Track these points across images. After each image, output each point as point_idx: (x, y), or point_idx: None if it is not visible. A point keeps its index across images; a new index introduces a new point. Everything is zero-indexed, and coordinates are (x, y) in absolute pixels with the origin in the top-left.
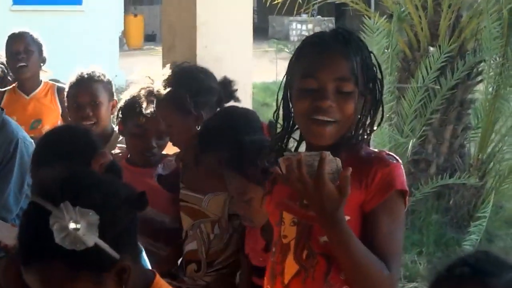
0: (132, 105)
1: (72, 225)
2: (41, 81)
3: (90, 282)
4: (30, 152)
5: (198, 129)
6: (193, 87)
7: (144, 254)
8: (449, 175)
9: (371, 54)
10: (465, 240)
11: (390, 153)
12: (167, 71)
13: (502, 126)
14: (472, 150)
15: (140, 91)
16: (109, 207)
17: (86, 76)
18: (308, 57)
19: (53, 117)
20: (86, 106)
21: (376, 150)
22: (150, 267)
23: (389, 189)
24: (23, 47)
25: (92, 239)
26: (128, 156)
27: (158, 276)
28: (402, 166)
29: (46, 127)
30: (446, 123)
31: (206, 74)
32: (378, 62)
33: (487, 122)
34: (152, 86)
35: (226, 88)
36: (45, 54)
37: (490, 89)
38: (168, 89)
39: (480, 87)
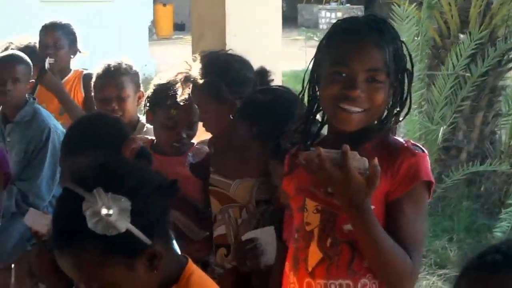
0: (164, 95)
1: (104, 211)
2: (71, 69)
3: (122, 266)
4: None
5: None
6: (229, 77)
7: (174, 242)
8: (480, 162)
9: (403, 44)
10: (496, 226)
11: (416, 143)
12: (204, 58)
13: None
14: (503, 137)
15: (177, 75)
16: (141, 194)
17: (112, 68)
18: (341, 44)
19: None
20: (112, 100)
21: (401, 139)
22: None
23: (414, 179)
24: (52, 41)
25: (124, 224)
26: (153, 143)
27: (190, 261)
28: (427, 156)
29: None
30: (477, 110)
31: (242, 63)
32: (409, 52)
33: None
34: (189, 72)
35: (263, 78)
36: (79, 45)
37: None
38: (204, 77)
39: (511, 73)
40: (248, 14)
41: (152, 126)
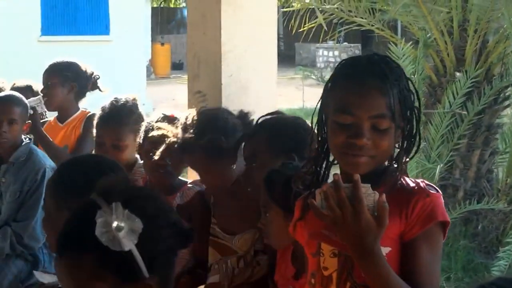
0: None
1: (115, 224)
2: (79, 108)
3: (112, 286)
4: None
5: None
6: (224, 130)
7: None
8: (477, 200)
9: (409, 82)
10: (493, 265)
11: (430, 183)
12: (190, 117)
13: None
14: (500, 174)
15: (163, 137)
16: (156, 223)
17: (111, 117)
18: (344, 91)
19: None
20: (108, 149)
21: (414, 180)
22: None
23: (430, 220)
24: (45, 80)
25: (129, 244)
26: (147, 181)
27: None
28: (441, 196)
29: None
30: (474, 148)
31: (227, 112)
32: (416, 89)
33: None
34: (177, 136)
35: (245, 121)
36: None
37: None
38: (201, 137)
39: (508, 111)
40: (243, 53)
41: None
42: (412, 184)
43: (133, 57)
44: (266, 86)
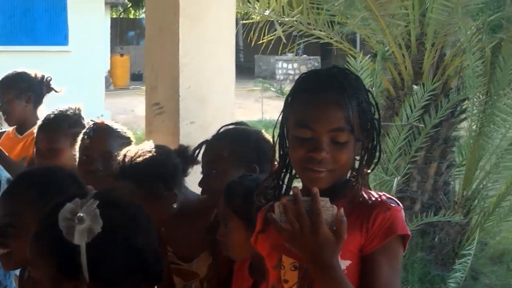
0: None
1: (79, 215)
2: (38, 118)
3: (50, 275)
4: None
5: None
6: (163, 176)
7: None
8: (434, 213)
9: (368, 94)
10: (450, 277)
11: (391, 196)
12: (128, 158)
13: (486, 163)
14: (457, 187)
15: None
16: (115, 237)
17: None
18: (303, 105)
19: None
20: (44, 154)
21: (376, 192)
22: None
23: (389, 233)
24: (1, 100)
25: (81, 240)
26: None
27: None
28: (402, 209)
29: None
30: (431, 161)
31: (167, 154)
32: (375, 101)
33: (471, 159)
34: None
35: (185, 156)
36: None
37: (474, 127)
38: (138, 185)
39: (464, 124)
40: (202, 66)
41: None
42: (373, 198)
43: (92, 68)
44: (224, 99)
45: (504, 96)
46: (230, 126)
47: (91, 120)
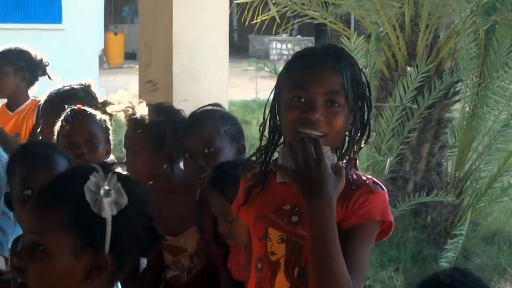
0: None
1: (105, 188)
2: (29, 97)
3: (70, 245)
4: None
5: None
6: (173, 124)
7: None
8: (426, 193)
9: (362, 73)
10: (442, 257)
11: (378, 181)
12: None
13: (478, 145)
14: (449, 168)
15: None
16: (137, 209)
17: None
18: (299, 69)
19: (28, 131)
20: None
21: (364, 175)
22: None
23: (368, 217)
24: None
25: (108, 213)
26: None
27: None
28: (386, 195)
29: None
30: (424, 142)
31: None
32: (367, 81)
33: (464, 141)
34: (133, 109)
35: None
36: (36, 69)
37: (467, 108)
38: (151, 119)
39: (457, 106)
40: (195, 44)
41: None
42: (360, 179)
43: (86, 46)
44: (218, 77)
45: (498, 78)
46: (209, 107)
47: (68, 107)
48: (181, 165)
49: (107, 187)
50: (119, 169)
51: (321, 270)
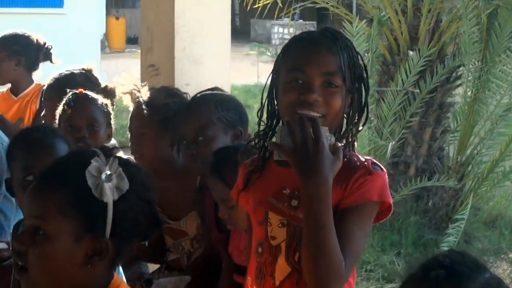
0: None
1: (107, 173)
2: (33, 82)
3: (71, 230)
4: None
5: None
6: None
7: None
8: (428, 177)
9: (359, 55)
10: (443, 241)
11: (377, 162)
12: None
13: (480, 129)
14: (451, 152)
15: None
16: (138, 193)
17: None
18: (296, 52)
19: (31, 116)
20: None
21: (363, 156)
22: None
23: (365, 197)
24: None
25: (109, 198)
26: None
27: (117, 275)
28: (386, 176)
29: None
30: (425, 126)
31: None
32: (364, 64)
33: (466, 125)
34: (139, 92)
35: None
36: (36, 53)
37: (469, 93)
38: (160, 101)
39: (459, 90)
40: (197, 28)
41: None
42: (359, 161)
43: (87, 30)
44: (219, 61)
45: (500, 62)
46: (208, 92)
47: (69, 91)
48: None
49: (108, 172)
50: (120, 153)
51: (313, 248)
